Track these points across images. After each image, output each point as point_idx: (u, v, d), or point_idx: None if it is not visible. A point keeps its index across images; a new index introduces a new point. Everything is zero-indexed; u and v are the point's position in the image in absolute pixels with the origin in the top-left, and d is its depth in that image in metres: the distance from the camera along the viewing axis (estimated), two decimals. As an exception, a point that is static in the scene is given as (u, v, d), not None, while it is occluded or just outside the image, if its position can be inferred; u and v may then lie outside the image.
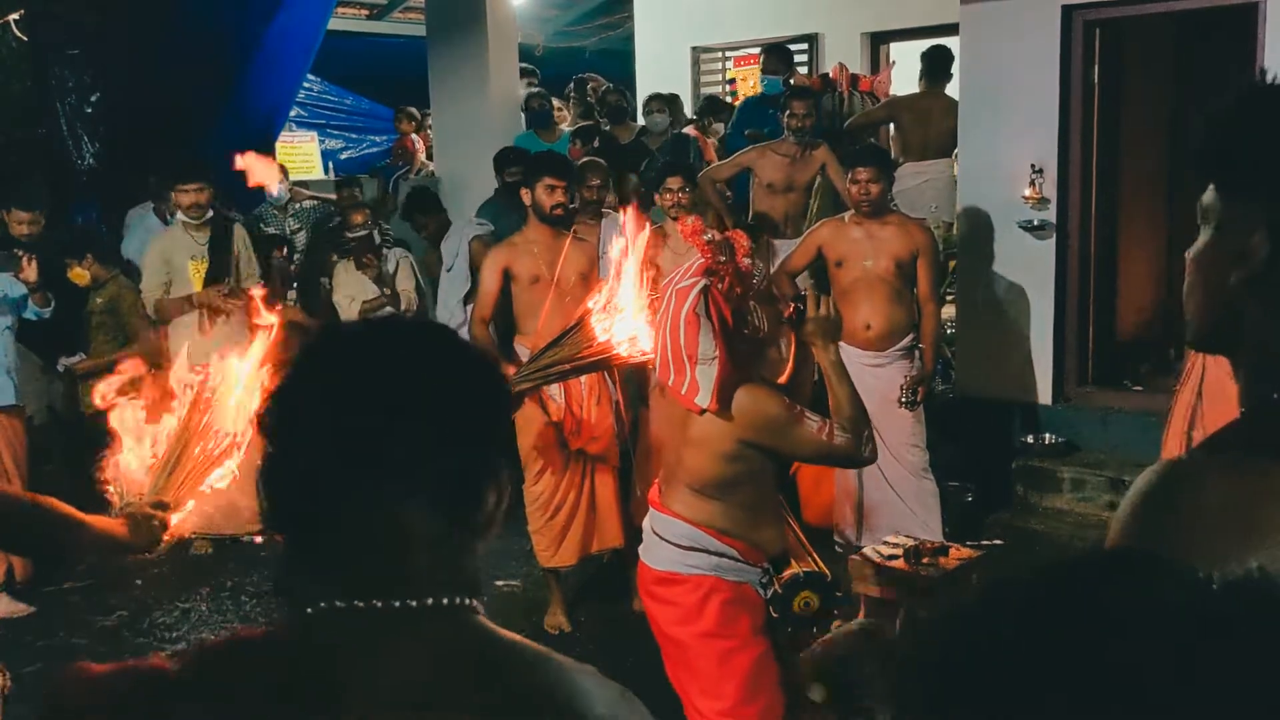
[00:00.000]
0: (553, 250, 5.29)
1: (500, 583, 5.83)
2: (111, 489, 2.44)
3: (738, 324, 3.09)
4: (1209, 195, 1.28)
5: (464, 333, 5.71)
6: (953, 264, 7.59)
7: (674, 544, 3.20)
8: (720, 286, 3.06)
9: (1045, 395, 6.89)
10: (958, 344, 7.35)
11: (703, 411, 3.11)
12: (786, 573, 3.17)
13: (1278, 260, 1.22)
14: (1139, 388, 6.92)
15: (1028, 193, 6.67)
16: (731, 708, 3.16)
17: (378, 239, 7.03)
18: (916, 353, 5.73)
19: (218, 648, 1.18)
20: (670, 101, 9.06)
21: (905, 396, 5.54)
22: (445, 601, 1.16)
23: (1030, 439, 6.80)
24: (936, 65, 7.95)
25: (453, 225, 6.92)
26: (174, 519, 2.43)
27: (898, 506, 5.57)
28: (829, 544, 5.56)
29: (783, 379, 3.36)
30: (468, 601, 1.18)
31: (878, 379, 5.59)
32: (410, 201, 7.52)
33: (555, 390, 5.12)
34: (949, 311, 7.27)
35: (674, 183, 5.85)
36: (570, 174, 5.39)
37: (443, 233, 6.92)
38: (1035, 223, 6.67)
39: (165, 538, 2.39)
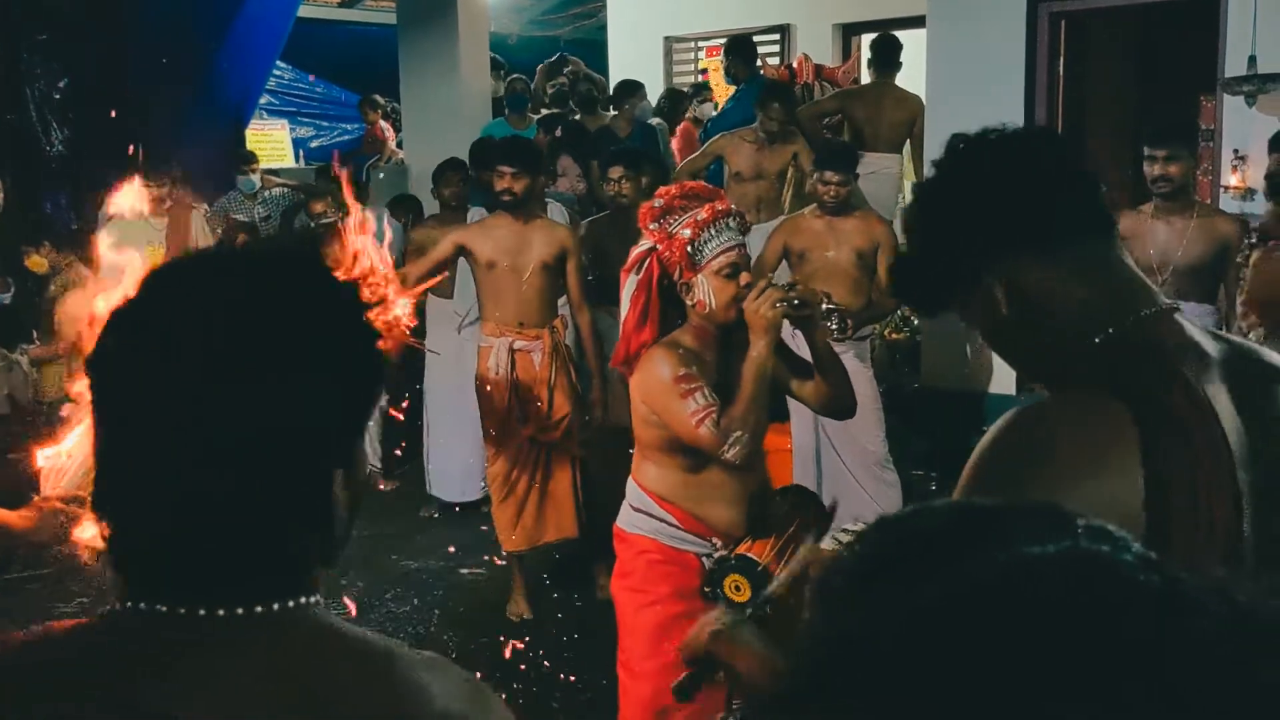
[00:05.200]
0: (514, 237, 5.27)
1: (465, 570, 5.83)
2: (44, 479, 2.30)
3: (671, 292, 3.07)
4: None
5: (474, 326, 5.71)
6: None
7: (628, 503, 3.25)
8: (661, 253, 3.05)
9: (1009, 386, 6.93)
10: (923, 336, 7.38)
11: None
12: (722, 552, 3.12)
13: (1014, 304, 1.48)
14: (1102, 378, 6.96)
15: (993, 184, 6.69)
16: (628, 660, 3.15)
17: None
18: (870, 341, 5.72)
19: (16, 647, 1.04)
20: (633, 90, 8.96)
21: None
22: (278, 606, 1.03)
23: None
24: (887, 55, 7.71)
25: (470, 212, 6.41)
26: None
27: (858, 494, 5.60)
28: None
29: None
30: (304, 600, 1.05)
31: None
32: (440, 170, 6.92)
33: (494, 365, 5.17)
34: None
35: (614, 172, 5.86)
36: (518, 160, 5.29)
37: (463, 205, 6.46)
38: (1000, 213, 6.69)
39: (73, 535, 2.14)
